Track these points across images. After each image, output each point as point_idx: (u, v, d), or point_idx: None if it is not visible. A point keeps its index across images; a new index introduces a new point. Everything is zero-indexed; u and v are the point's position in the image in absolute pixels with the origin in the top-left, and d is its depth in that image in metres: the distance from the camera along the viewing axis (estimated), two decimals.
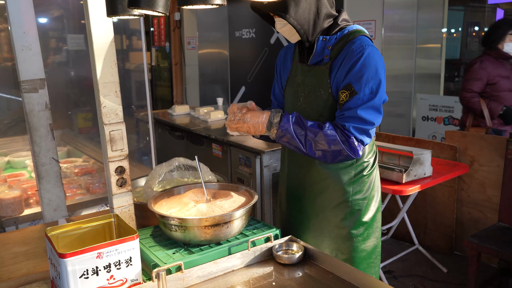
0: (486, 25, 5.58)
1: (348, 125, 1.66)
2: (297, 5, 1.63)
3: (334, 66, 1.72)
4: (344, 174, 1.80)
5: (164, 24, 8.06)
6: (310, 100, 1.80)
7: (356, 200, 1.82)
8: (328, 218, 1.85)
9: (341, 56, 1.70)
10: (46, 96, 2.19)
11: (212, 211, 1.57)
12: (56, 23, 3.47)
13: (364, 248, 1.86)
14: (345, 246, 1.85)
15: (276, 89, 2.03)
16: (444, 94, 4.73)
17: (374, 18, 4.56)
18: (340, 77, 1.69)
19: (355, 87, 1.65)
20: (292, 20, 1.64)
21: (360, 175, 1.81)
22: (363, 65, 1.64)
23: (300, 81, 1.84)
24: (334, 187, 1.81)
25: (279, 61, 2.00)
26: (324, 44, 1.73)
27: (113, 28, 1.55)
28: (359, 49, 1.66)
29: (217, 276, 1.47)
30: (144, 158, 3.63)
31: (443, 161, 3.59)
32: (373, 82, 1.64)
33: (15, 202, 2.53)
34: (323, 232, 1.87)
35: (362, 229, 1.84)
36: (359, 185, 1.81)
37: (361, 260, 1.87)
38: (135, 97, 3.64)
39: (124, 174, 1.61)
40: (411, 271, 3.69)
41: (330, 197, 1.83)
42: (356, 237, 1.84)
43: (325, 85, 1.74)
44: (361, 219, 1.84)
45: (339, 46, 1.71)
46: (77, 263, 1.25)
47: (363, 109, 1.65)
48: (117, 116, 1.58)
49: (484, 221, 3.66)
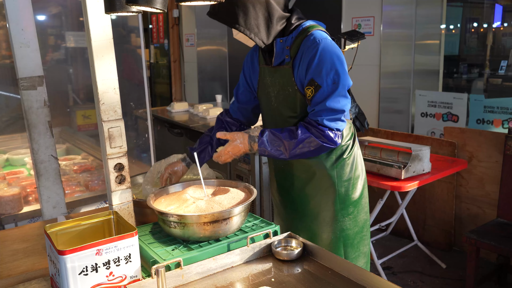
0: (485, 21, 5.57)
1: (321, 119, 1.75)
2: (246, 14, 1.71)
3: (295, 64, 1.81)
4: (326, 160, 1.89)
5: (162, 21, 8.05)
6: (280, 99, 1.90)
7: (342, 182, 1.92)
8: (319, 204, 1.94)
9: (299, 53, 1.79)
10: (45, 93, 2.19)
11: (211, 208, 1.57)
12: (55, 20, 3.46)
13: (356, 224, 1.99)
14: (338, 226, 1.95)
15: (240, 91, 2.12)
16: (442, 91, 4.72)
17: (373, 14, 4.55)
18: (301, 74, 1.78)
19: (318, 81, 1.74)
20: (242, 29, 1.73)
21: (341, 158, 1.91)
22: (320, 59, 1.73)
23: (269, 82, 1.93)
24: (320, 174, 1.91)
25: (246, 65, 2.09)
26: (283, 45, 1.82)
27: (111, 25, 1.55)
28: (313, 44, 1.75)
29: (216, 272, 1.47)
30: (143, 155, 3.63)
31: (441, 157, 3.59)
32: (332, 73, 1.74)
33: (14, 199, 2.53)
34: (317, 218, 1.96)
35: (352, 208, 1.96)
36: (342, 168, 1.91)
37: (354, 235, 1.99)
38: (134, 95, 3.64)
39: (123, 171, 1.61)
40: (410, 267, 3.69)
41: (317, 184, 1.92)
42: (347, 216, 1.95)
43: (291, 83, 1.83)
44: (350, 199, 1.95)
45: (296, 44, 1.81)
46: (76, 260, 1.25)
47: (330, 99, 1.74)
48: (115, 113, 1.58)
49: (483, 217, 3.66)
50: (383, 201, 3.39)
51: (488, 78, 5.13)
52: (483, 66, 5.29)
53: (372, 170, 3.16)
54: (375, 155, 3.23)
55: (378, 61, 4.59)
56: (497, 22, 5.38)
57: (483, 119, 4.09)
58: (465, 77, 5.43)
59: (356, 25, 4.70)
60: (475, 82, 5.28)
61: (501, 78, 5.02)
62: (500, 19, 5.34)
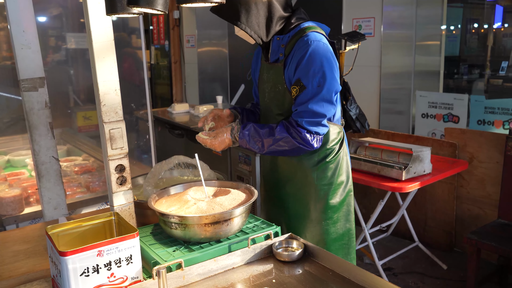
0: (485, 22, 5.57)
1: (301, 120, 1.78)
2: (248, 12, 1.76)
3: (287, 62, 1.84)
4: (307, 160, 1.92)
5: (163, 22, 8.05)
6: (272, 96, 1.94)
7: (321, 185, 1.93)
8: (300, 203, 1.97)
9: (292, 52, 1.82)
10: (46, 95, 2.19)
11: (212, 209, 1.57)
12: (56, 21, 3.47)
13: (335, 230, 1.98)
14: (317, 228, 1.97)
15: (254, 87, 2.18)
16: (443, 91, 4.72)
17: (373, 15, 4.56)
18: (291, 72, 1.82)
19: (304, 82, 1.76)
20: (244, 27, 1.78)
21: (323, 161, 1.92)
22: (308, 60, 1.75)
23: (265, 78, 1.98)
24: (301, 174, 1.93)
25: (253, 61, 2.14)
26: (279, 43, 1.85)
27: (112, 27, 1.55)
28: (305, 45, 1.76)
29: (217, 273, 1.47)
30: (144, 156, 3.63)
31: (442, 158, 3.59)
32: (319, 75, 1.75)
33: (15, 200, 2.54)
34: (299, 216, 1.98)
35: (331, 212, 1.96)
36: (323, 171, 1.92)
37: (332, 242, 1.98)
38: (135, 96, 3.64)
39: (124, 172, 1.61)
40: (411, 268, 3.69)
41: (298, 183, 1.95)
42: (325, 220, 1.95)
43: (281, 81, 1.87)
44: (329, 204, 1.95)
45: (291, 43, 1.83)
46: (77, 261, 1.25)
47: (313, 102, 1.76)
48: (117, 114, 1.58)
49: (484, 218, 3.66)
50: (384, 202, 3.39)
51: (489, 79, 5.13)
52: (484, 67, 5.29)
53: (372, 171, 3.16)
54: (376, 156, 3.23)
55: (379, 62, 4.59)
56: (497, 22, 5.39)
57: (483, 120, 4.09)
58: (466, 78, 5.43)
59: (357, 26, 4.70)
60: (476, 83, 5.28)
61: (501, 79, 5.02)
62: (500, 19, 5.34)
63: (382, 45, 4.52)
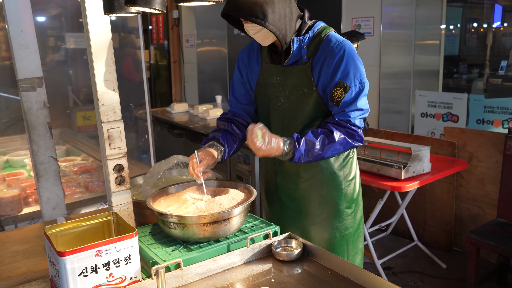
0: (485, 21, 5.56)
1: (353, 120, 1.78)
2: (274, 12, 1.67)
3: (315, 64, 1.80)
4: (335, 161, 1.92)
5: (162, 22, 8.05)
6: (293, 100, 1.87)
7: (347, 181, 1.96)
8: (324, 205, 1.95)
9: (320, 54, 1.79)
10: (44, 95, 2.19)
11: (211, 209, 1.57)
12: (54, 21, 3.46)
13: (355, 221, 2.02)
14: (342, 225, 1.97)
15: (237, 91, 2.05)
16: (442, 91, 4.72)
17: (373, 14, 4.55)
18: (326, 76, 1.78)
19: (347, 83, 1.75)
20: (271, 27, 1.68)
21: (347, 159, 1.95)
22: (347, 61, 1.75)
23: (276, 82, 1.90)
24: (327, 174, 1.92)
25: (242, 63, 2.03)
26: (300, 45, 1.80)
27: (110, 26, 1.55)
28: (338, 46, 1.76)
29: (216, 273, 1.47)
30: (143, 156, 3.63)
31: (442, 157, 3.59)
32: (358, 73, 1.77)
33: (14, 200, 2.53)
34: (321, 218, 1.96)
35: (354, 206, 2.00)
36: (347, 168, 1.95)
37: (354, 233, 2.02)
38: (134, 96, 3.64)
39: (122, 172, 1.61)
40: (410, 267, 3.69)
41: (323, 185, 1.93)
42: (350, 215, 1.98)
43: (308, 84, 1.81)
44: (353, 197, 1.98)
45: (314, 44, 1.81)
46: (76, 261, 1.25)
47: (359, 100, 1.77)
48: (115, 114, 1.58)
49: (483, 217, 3.66)
50: (383, 202, 3.39)
51: (488, 78, 5.13)
52: (483, 66, 5.29)
53: (372, 170, 3.16)
54: (375, 155, 3.23)
55: (378, 61, 4.59)
56: (497, 22, 5.38)
57: (483, 119, 4.09)
58: (465, 77, 5.43)
59: (356, 25, 4.70)
60: (475, 82, 5.28)
61: (501, 78, 5.02)
62: (500, 19, 5.34)
63: (382, 45, 4.52)
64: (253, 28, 1.74)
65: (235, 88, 2.07)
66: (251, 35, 1.79)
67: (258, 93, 1.99)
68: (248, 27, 1.75)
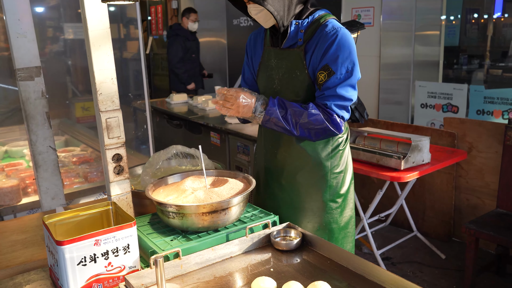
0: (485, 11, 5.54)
1: (330, 104, 1.78)
2: None
3: (309, 48, 1.82)
4: (322, 150, 1.90)
5: (161, 12, 8.01)
6: (285, 82, 1.89)
7: (334, 174, 1.93)
8: (309, 193, 1.94)
9: (314, 38, 1.81)
10: (42, 84, 2.18)
11: (210, 198, 1.57)
12: (53, 12, 3.44)
13: (342, 219, 1.98)
14: (325, 218, 1.96)
15: (246, 73, 2.11)
16: (442, 81, 4.71)
17: (373, 4, 4.53)
18: (316, 59, 1.80)
19: (332, 67, 1.77)
20: (269, 7, 1.72)
21: (336, 150, 1.93)
22: (338, 46, 1.76)
23: (273, 64, 1.92)
24: (314, 163, 1.91)
25: (249, 47, 2.08)
26: (297, 28, 1.83)
27: (109, 16, 1.53)
28: (332, 31, 1.78)
29: (215, 262, 1.47)
30: (142, 146, 3.63)
31: (441, 148, 3.58)
32: (348, 62, 1.77)
33: (13, 190, 2.53)
34: (304, 207, 1.95)
35: (340, 201, 1.96)
36: (336, 160, 1.93)
37: (339, 231, 1.99)
38: (133, 86, 3.63)
39: (121, 161, 1.60)
40: (410, 258, 3.70)
41: (309, 173, 1.92)
42: (335, 209, 1.96)
43: (301, 67, 1.84)
44: (339, 191, 1.95)
45: (311, 29, 1.82)
46: (74, 250, 1.25)
47: (341, 87, 1.77)
48: (113, 103, 1.57)
49: (482, 207, 3.67)
50: (383, 192, 3.39)
51: (489, 69, 5.12)
52: (484, 57, 5.27)
53: (371, 161, 3.15)
54: (375, 145, 3.23)
55: (378, 51, 4.57)
56: (497, 12, 5.36)
57: (483, 110, 4.08)
58: (465, 68, 5.41)
59: (356, 15, 4.68)
60: (475, 73, 5.27)
61: (501, 69, 5.01)
62: (500, 9, 5.32)
63: (382, 35, 4.50)
64: (255, 8, 1.79)
65: (245, 71, 2.12)
66: (253, 15, 1.83)
67: (258, 75, 2.02)
68: (251, 7, 1.80)
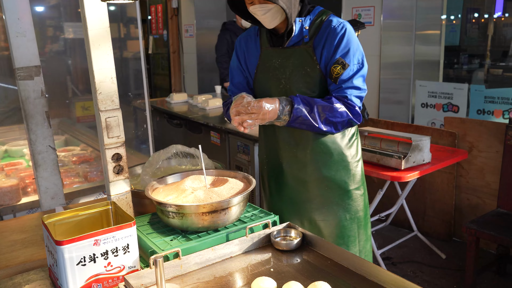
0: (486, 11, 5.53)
1: (350, 95, 1.82)
2: None
3: (317, 43, 1.85)
4: (341, 141, 1.95)
5: (161, 12, 8.01)
6: (294, 80, 1.89)
7: (354, 162, 1.99)
8: (336, 185, 1.97)
9: (321, 34, 1.85)
10: (42, 83, 2.17)
11: (210, 198, 1.56)
12: (53, 11, 3.44)
13: (365, 205, 2.05)
14: (353, 208, 2.00)
15: (236, 78, 2.08)
16: (443, 81, 4.71)
17: (373, 4, 4.53)
18: (328, 54, 1.83)
19: (346, 60, 1.81)
20: (282, 4, 1.72)
21: (352, 139, 1.99)
22: (347, 40, 1.82)
23: (277, 64, 1.92)
24: (337, 154, 1.95)
25: (240, 51, 2.06)
26: (301, 25, 1.86)
27: (108, 15, 1.53)
28: (339, 26, 1.83)
29: (215, 262, 1.46)
30: (142, 146, 3.62)
31: (442, 148, 3.58)
32: (358, 53, 1.84)
33: (12, 190, 2.53)
34: (333, 201, 1.98)
35: (362, 188, 2.03)
36: (354, 148, 1.99)
37: (364, 216, 2.05)
38: (133, 86, 3.62)
39: (121, 161, 1.60)
40: (410, 258, 3.70)
41: (334, 164, 1.95)
42: (360, 197, 2.02)
43: (311, 63, 1.86)
44: (361, 179, 2.02)
45: (315, 26, 1.86)
46: (74, 250, 1.24)
47: (356, 78, 1.83)
48: (113, 102, 1.57)
49: (483, 207, 3.66)
50: (383, 192, 3.38)
51: (489, 69, 5.12)
52: (484, 57, 5.27)
53: (372, 161, 3.15)
54: (375, 145, 3.22)
55: (378, 51, 4.57)
56: (498, 12, 5.36)
57: (483, 110, 4.08)
58: (466, 68, 5.42)
59: (356, 14, 4.67)
60: (476, 73, 5.27)
61: (502, 68, 5.01)
62: (501, 9, 5.32)
63: (382, 34, 4.50)
64: (262, 8, 1.78)
65: (234, 76, 2.08)
66: (259, 16, 1.81)
67: (257, 78, 1.99)
68: (257, 8, 1.78)
